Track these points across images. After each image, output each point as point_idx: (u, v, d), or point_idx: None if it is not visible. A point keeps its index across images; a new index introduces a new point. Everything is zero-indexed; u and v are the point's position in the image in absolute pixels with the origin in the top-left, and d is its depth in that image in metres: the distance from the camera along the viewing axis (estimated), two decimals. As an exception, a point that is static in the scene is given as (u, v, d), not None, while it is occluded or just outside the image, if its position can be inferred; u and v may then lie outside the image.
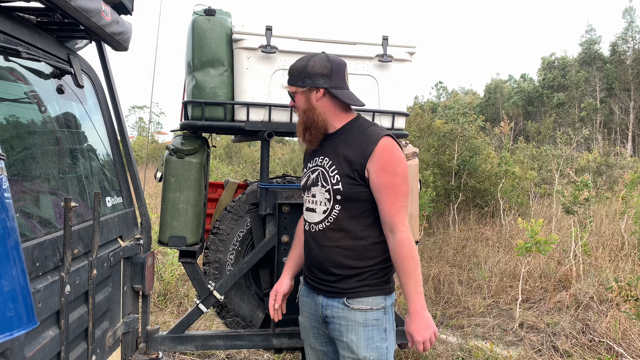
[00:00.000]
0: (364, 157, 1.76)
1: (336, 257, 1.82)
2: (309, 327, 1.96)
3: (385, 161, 1.74)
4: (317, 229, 1.87)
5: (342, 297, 1.81)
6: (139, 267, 2.31)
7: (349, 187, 1.78)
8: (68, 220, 1.53)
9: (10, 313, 1.02)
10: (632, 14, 35.40)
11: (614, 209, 8.38)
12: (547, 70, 39.92)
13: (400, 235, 1.73)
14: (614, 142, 30.34)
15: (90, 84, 2.23)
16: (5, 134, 1.51)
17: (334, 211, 1.82)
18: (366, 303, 1.80)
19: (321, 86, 1.82)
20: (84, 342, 1.80)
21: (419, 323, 1.72)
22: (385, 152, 1.75)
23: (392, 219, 1.74)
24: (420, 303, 1.73)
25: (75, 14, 1.75)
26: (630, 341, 3.94)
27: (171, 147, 2.42)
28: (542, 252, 4.31)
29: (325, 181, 1.84)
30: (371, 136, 1.78)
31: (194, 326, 3.94)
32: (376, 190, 1.76)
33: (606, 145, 20.55)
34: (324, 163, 1.87)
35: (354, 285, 1.81)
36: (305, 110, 1.86)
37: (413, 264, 1.72)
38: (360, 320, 1.79)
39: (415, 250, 1.74)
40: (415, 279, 1.73)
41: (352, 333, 1.79)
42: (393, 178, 1.74)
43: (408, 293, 1.73)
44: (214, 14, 2.35)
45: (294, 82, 1.87)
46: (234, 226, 2.59)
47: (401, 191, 1.75)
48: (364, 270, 1.81)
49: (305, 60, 1.85)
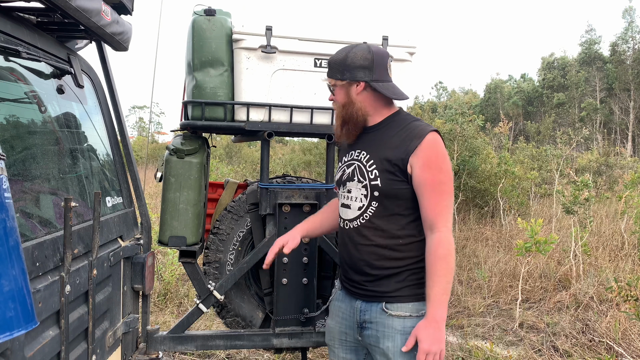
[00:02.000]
0: (407, 152, 1.66)
1: (371, 256, 1.73)
2: (338, 332, 1.87)
3: (430, 157, 1.65)
4: (352, 226, 1.79)
5: (381, 302, 1.72)
6: (139, 267, 2.31)
7: (389, 183, 1.69)
8: (68, 220, 1.53)
9: (10, 313, 1.02)
10: (632, 14, 35.42)
11: (614, 209, 8.38)
12: (547, 70, 39.92)
13: (439, 235, 1.63)
14: (614, 142, 30.35)
15: (90, 84, 2.23)
16: (5, 134, 1.51)
17: (371, 208, 1.73)
18: (405, 309, 1.70)
19: (361, 79, 1.72)
20: (84, 342, 1.80)
21: (432, 332, 1.59)
22: (432, 147, 1.66)
23: (433, 218, 1.64)
24: (441, 312, 1.60)
25: (75, 14, 1.75)
26: (630, 341, 3.94)
27: (171, 147, 2.42)
28: (542, 252, 4.31)
29: (362, 176, 1.75)
30: (416, 131, 1.69)
31: (194, 326, 3.94)
32: (419, 187, 1.66)
33: (606, 145, 20.55)
34: (361, 157, 1.78)
35: (393, 287, 1.71)
36: (344, 104, 1.78)
37: (445, 267, 1.61)
38: (397, 327, 1.69)
39: (451, 255, 1.62)
40: (444, 285, 1.60)
41: (389, 340, 1.69)
42: (438, 175, 1.64)
43: (431, 297, 1.60)
44: (214, 14, 2.35)
45: (333, 74, 1.78)
46: (234, 226, 2.59)
47: (445, 189, 1.65)
48: (401, 270, 1.71)
49: (345, 52, 1.75)
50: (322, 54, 2.43)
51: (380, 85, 1.73)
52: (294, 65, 2.42)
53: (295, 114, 2.43)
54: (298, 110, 2.43)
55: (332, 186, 2.56)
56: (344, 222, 1.83)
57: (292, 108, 2.41)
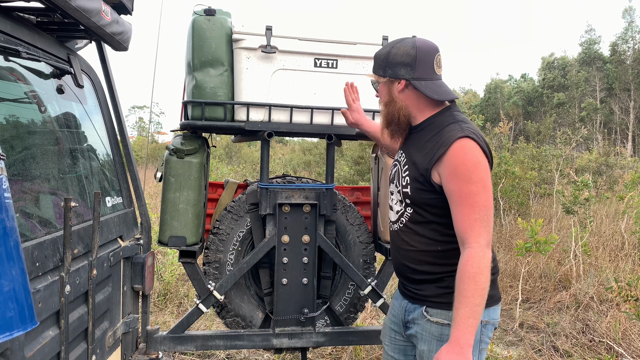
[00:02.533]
0: (431, 162, 1.56)
1: (412, 260, 1.68)
2: (389, 329, 1.86)
3: (457, 165, 1.50)
4: (394, 229, 1.76)
5: (423, 305, 1.68)
6: (139, 267, 2.31)
7: (417, 192, 1.62)
8: (68, 220, 1.53)
9: (10, 313, 1.01)
10: (632, 14, 35.40)
11: (614, 209, 8.38)
12: (547, 70, 39.92)
13: (470, 252, 1.46)
14: (614, 142, 30.34)
15: (90, 84, 2.22)
16: (5, 134, 1.51)
17: (406, 213, 1.68)
18: (444, 316, 1.62)
19: (402, 77, 1.62)
20: (84, 342, 1.80)
21: (454, 357, 1.42)
22: (458, 156, 1.51)
23: (464, 232, 1.49)
24: (466, 337, 1.42)
25: (75, 14, 1.75)
26: (630, 341, 3.94)
27: (171, 147, 2.42)
28: (542, 252, 4.31)
29: (398, 181, 1.71)
30: (444, 138, 1.56)
31: (194, 326, 3.94)
32: (449, 198, 1.53)
33: (606, 145, 20.55)
34: (401, 159, 1.73)
35: (434, 292, 1.65)
36: (386, 102, 1.69)
37: (473, 287, 1.43)
38: (435, 333, 1.63)
39: (482, 274, 1.44)
40: (471, 307, 1.43)
41: (425, 344, 1.65)
42: (467, 185, 1.49)
43: (456, 319, 1.44)
44: (214, 14, 2.35)
45: (376, 70, 1.70)
46: (234, 226, 2.59)
47: (477, 201, 1.48)
48: (442, 276, 1.64)
49: (389, 46, 1.66)
50: (322, 53, 2.43)
51: (422, 84, 1.61)
52: (294, 65, 2.42)
53: (295, 114, 2.43)
54: (298, 110, 2.43)
55: (332, 186, 2.56)
56: (390, 224, 1.81)
57: (292, 108, 2.41)
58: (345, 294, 2.77)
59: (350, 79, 2.47)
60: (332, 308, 2.76)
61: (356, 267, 2.67)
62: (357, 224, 2.71)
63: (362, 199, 2.98)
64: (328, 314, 2.77)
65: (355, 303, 2.79)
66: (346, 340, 2.64)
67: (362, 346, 3.68)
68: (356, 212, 2.72)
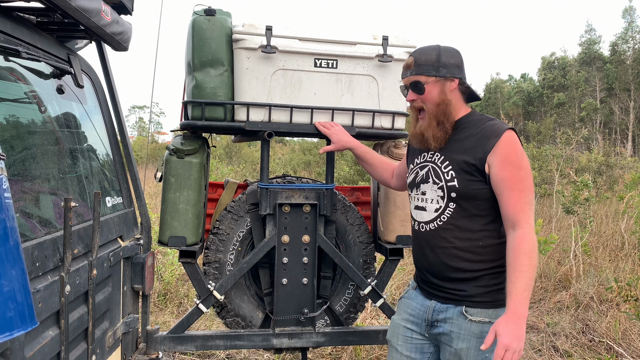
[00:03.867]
0: (484, 152, 1.65)
1: (450, 258, 1.72)
2: (402, 328, 1.86)
3: (508, 154, 1.63)
4: (428, 229, 1.77)
5: (461, 305, 1.71)
6: (139, 267, 2.31)
7: (466, 184, 1.68)
8: (68, 220, 1.53)
9: (10, 313, 1.02)
10: (632, 14, 35.40)
11: (614, 209, 8.38)
12: (547, 70, 39.93)
13: (523, 231, 1.59)
14: (614, 142, 30.35)
15: (90, 84, 2.23)
16: (5, 134, 1.51)
17: (448, 209, 1.72)
18: (485, 315, 1.68)
19: (457, 76, 1.72)
20: (84, 342, 1.80)
21: (512, 328, 1.52)
22: (510, 145, 1.64)
23: (516, 215, 1.60)
24: (523, 309, 1.54)
25: (75, 14, 1.75)
26: (630, 341, 3.94)
27: (171, 147, 2.42)
28: (542, 252, 4.31)
29: (438, 177, 1.74)
30: (492, 129, 1.68)
31: (194, 326, 3.94)
32: (498, 185, 1.63)
33: (606, 145, 20.54)
34: (435, 159, 1.77)
35: (474, 292, 1.70)
36: (439, 102, 1.73)
37: (528, 262, 1.56)
38: (475, 331, 1.68)
39: (535, 251, 1.58)
40: (526, 281, 1.55)
41: (464, 342, 1.69)
42: (518, 172, 1.62)
43: (513, 292, 1.55)
44: (214, 14, 2.35)
45: (425, 71, 1.73)
46: (234, 226, 2.59)
47: (526, 186, 1.62)
48: (481, 274, 1.70)
49: (435, 50, 1.74)
50: (322, 53, 2.43)
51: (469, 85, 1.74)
52: (294, 65, 2.42)
53: (295, 114, 2.43)
54: (298, 110, 2.43)
55: (332, 186, 2.56)
56: (419, 225, 1.82)
57: (292, 108, 2.41)
58: (345, 294, 2.77)
59: (350, 78, 2.48)
60: (332, 308, 2.76)
61: (356, 267, 2.67)
62: (357, 224, 2.71)
63: (362, 199, 2.98)
64: (328, 314, 2.77)
65: (355, 303, 2.79)
66: (346, 340, 2.64)
67: (362, 346, 3.69)
68: (356, 212, 2.72)
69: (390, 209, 2.60)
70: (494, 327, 1.55)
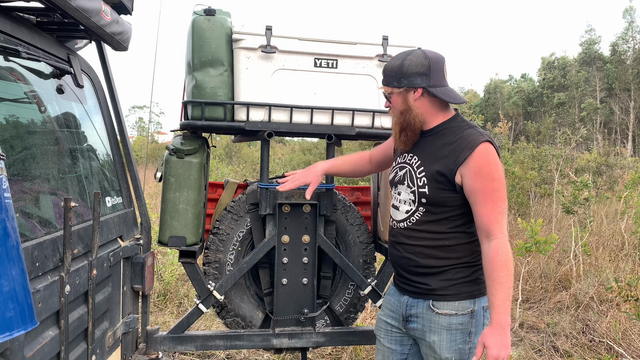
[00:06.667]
0: (456, 164, 1.69)
1: (418, 255, 1.79)
2: (384, 323, 1.95)
3: (481, 166, 1.67)
4: (400, 227, 1.85)
5: (428, 299, 1.78)
6: (139, 267, 2.31)
7: (436, 192, 1.73)
8: (68, 220, 1.53)
9: (10, 313, 1.01)
10: (632, 14, 35.40)
11: (614, 209, 8.38)
12: (547, 70, 39.92)
13: (497, 242, 1.64)
14: (614, 142, 30.35)
15: (90, 84, 2.23)
16: (5, 134, 1.51)
17: (418, 212, 1.78)
18: (451, 307, 1.75)
19: (419, 86, 1.74)
20: (83, 342, 1.80)
21: (499, 338, 1.60)
22: (483, 157, 1.68)
23: (489, 225, 1.66)
24: (506, 318, 1.62)
25: (75, 14, 1.75)
26: (630, 341, 3.94)
27: (171, 147, 2.42)
28: (542, 252, 4.31)
29: (412, 182, 1.79)
30: (467, 141, 1.71)
31: (194, 326, 3.94)
32: (472, 196, 1.69)
33: (606, 145, 20.55)
34: (413, 162, 1.82)
35: (439, 285, 1.76)
36: (402, 111, 1.79)
37: (505, 274, 1.62)
38: (444, 324, 1.75)
39: (510, 261, 1.64)
40: (506, 291, 1.62)
41: (435, 335, 1.77)
42: (491, 183, 1.67)
43: (495, 304, 1.62)
44: (214, 14, 2.35)
45: (389, 82, 1.79)
46: (234, 226, 2.59)
47: (499, 196, 1.67)
48: (447, 268, 1.76)
49: (401, 59, 1.77)
50: (322, 53, 2.43)
51: (438, 90, 1.74)
52: (294, 65, 2.42)
53: (295, 114, 2.43)
54: (298, 110, 2.43)
55: (332, 186, 2.56)
56: (393, 222, 1.90)
57: (292, 108, 2.41)
58: (345, 294, 2.77)
59: (350, 78, 2.48)
60: (332, 308, 2.76)
61: (356, 267, 2.67)
62: (357, 224, 2.71)
63: (362, 199, 2.99)
64: (328, 314, 2.77)
65: (355, 303, 2.79)
66: (346, 340, 2.64)
67: (362, 346, 3.68)
68: (356, 212, 2.72)
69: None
70: (481, 339, 1.63)
